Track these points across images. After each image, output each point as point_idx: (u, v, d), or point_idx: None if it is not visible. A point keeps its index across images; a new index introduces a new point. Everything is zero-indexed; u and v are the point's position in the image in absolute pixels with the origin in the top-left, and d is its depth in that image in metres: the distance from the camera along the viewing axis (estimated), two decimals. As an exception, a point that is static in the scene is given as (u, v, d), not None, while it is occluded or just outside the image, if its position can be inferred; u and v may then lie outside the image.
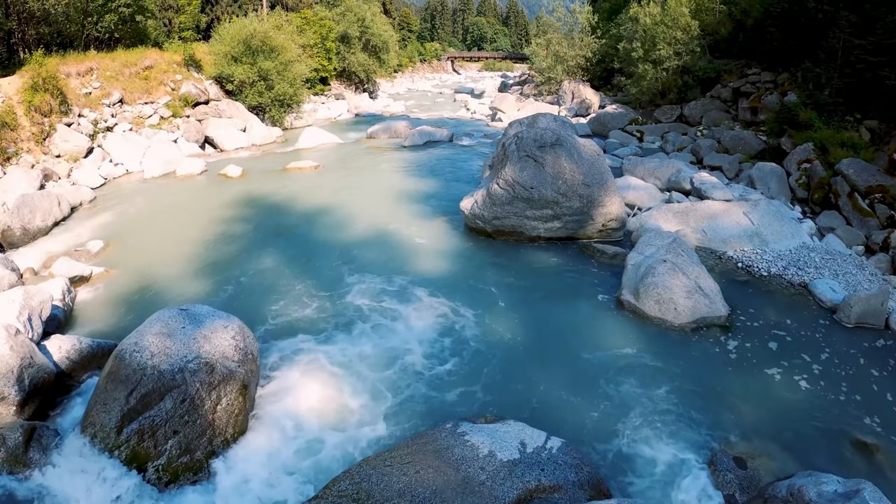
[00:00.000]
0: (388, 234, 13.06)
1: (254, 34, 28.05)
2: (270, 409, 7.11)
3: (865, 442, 6.78)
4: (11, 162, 16.48)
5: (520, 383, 7.78)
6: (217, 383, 6.46)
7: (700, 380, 7.84)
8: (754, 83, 22.88)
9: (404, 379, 7.82)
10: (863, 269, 10.90)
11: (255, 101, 27.83)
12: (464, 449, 5.81)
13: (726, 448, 6.57)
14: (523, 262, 11.58)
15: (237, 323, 7.32)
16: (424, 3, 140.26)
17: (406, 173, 19.06)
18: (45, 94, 18.69)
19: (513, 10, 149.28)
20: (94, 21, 26.07)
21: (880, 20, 15.45)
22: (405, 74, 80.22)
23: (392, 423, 6.99)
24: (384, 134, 26.61)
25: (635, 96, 29.67)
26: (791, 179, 14.97)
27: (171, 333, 6.69)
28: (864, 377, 8.01)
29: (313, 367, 7.97)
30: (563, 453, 5.90)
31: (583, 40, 39.67)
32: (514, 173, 12.09)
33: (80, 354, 7.76)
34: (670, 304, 9.20)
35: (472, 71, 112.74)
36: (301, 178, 18.55)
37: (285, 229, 13.61)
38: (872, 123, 15.40)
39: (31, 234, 13.05)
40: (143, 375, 6.23)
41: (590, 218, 12.27)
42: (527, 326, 9.16)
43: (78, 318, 9.47)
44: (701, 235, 12.22)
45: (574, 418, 7.09)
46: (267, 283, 10.61)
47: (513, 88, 51.10)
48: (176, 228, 13.69)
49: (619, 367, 8.08)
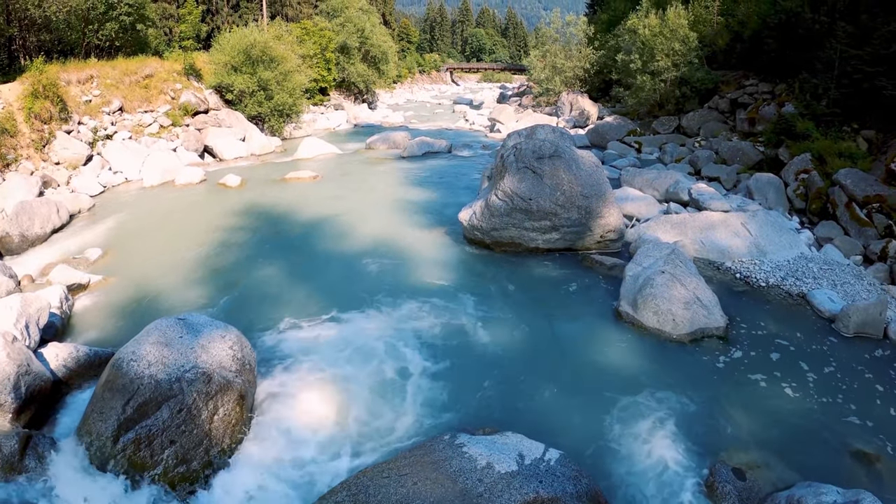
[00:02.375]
0: (386, 245, 13.05)
1: (254, 44, 28.16)
2: (268, 419, 7.07)
3: (865, 452, 6.75)
4: (11, 168, 16.49)
5: (518, 395, 7.75)
6: (214, 393, 6.43)
7: (698, 391, 7.82)
8: (752, 94, 23.02)
9: (402, 390, 7.79)
10: (861, 279, 10.92)
11: (254, 111, 27.92)
12: (462, 461, 5.78)
13: (725, 459, 6.54)
14: (521, 274, 11.58)
15: (235, 333, 7.30)
16: (424, 14, 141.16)
17: (405, 184, 19.09)
18: (46, 101, 18.74)
19: (511, 21, 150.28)
20: (94, 29, 26.20)
21: (877, 30, 15.56)
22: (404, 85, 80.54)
23: (389, 434, 6.95)
24: (383, 144, 26.66)
25: (633, 107, 29.83)
26: (789, 190, 15.02)
27: (168, 343, 6.67)
28: (863, 387, 7.99)
29: (311, 377, 7.93)
30: (562, 465, 5.87)
31: (581, 52, 39.89)
32: (512, 184, 12.12)
33: (77, 362, 7.73)
34: (669, 316, 9.20)
35: (471, 82, 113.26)
36: (300, 188, 18.57)
37: (284, 239, 13.60)
38: (870, 133, 15.47)
39: (30, 241, 13.04)
40: (140, 384, 6.20)
41: (588, 229, 12.29)
42: (525, 338, 9.15)
43: (75, 325, 9.44)
44: (699, 246, 12.24)
45: (572, 430, 7.06)
46: (265, 294, 10.59)
47: (511, 99, 51.37)
48: (174, 237, 13.68)
49: (618, 379, 8.06)
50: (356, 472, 5.99)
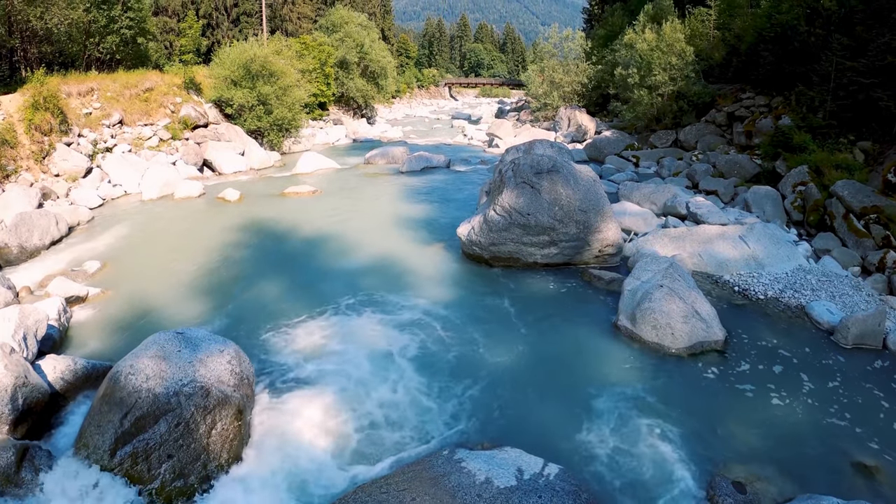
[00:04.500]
0: (385, 260, 13.04)
1: (253, 59, 28.36)
2: (266, 434, 7.03)
3: (865, 463, 6.73)
4: (10, 180, 16.55)
5: (517, 410, 7.72)
6: (212, 408, 6.41)
7: (698, 404, 7.80)
8: (748, 107, 23.16)
9: (400, 405, 7.75)
10: (859, 290, 10.93)
11: (253, 125, 28.04)
12: (460, 476, 5.75)
13: (725, 473, 6.50)
14: (520, 289, 11.57)
15: (233, 347, 7.29)
16: (422, 30, 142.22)
17: (403, 199, 19.12)
18: (46, 113, 18.85)
19: (510, 36, 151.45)
20: (95, 42, 26.41)
21: (872, 42, 15.71)
22: (403, 100, 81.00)
23: (388, 450, 6.91)
24: (382, 159, 26.71)
25: (631, 122, 29.99)
26: (786, 202, 15.08)
27: (166, 356, 6.66)
28: (863, 398, 7.98)
29: (309, 392, 7.89)
30: (561, 480, 5.84)
31: (578, 66, 40.17)
32: (510, 200, 12.15)
33: (74, 375, 7.69)
34: (667, 329, 9.19)
35: (469, 97, 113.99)
36: (299, 202, 18.61)
37: (283, 254, 13.60)
38: (866, 145, 15.57)
39: (29, 253, 13.05)
40: (137, 398, 6.18)
41: (586, 244, 12.30)
42: (523, 352, 9.13)
43: (73, 338, 9.41)
44: (697, 260, 12.26)
45: (571, 444, 7.03)
46: (263, 308, 10.57)
47: (510, 114, 51.65)
48: (173, 251, 13.68)
49: (617, 393, 8.04)
50: (354, 488, 5.97)
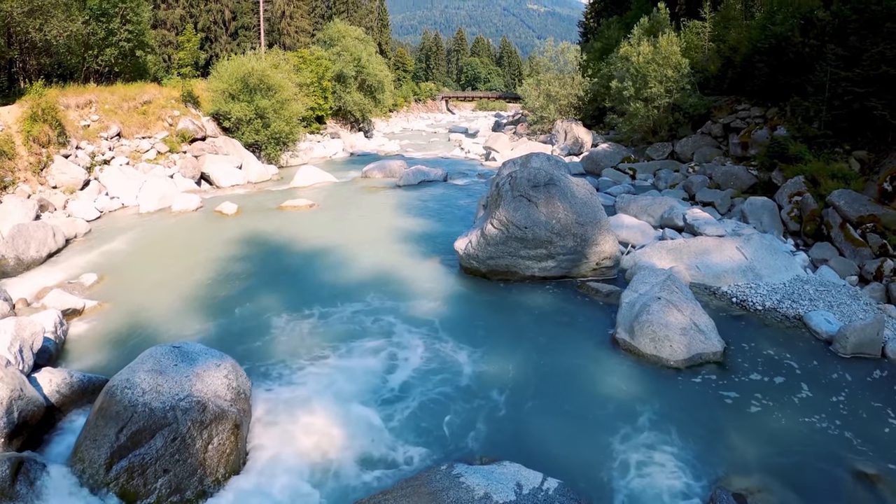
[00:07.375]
0: (382, 274, 13.01)
1: (251, 72, 28.46)
2: (263, 449, 6.98)
3: (865, 473, 6.70)
4: (8, 191, 16.54)
5: (515, 424, 7.68)
6: (209, 422, 6.36)
7: (697, 416, 7.77)
8: (744, 118, 23.31)
9: (398, 420, 7.70)
10: (857, 300, 10.95)
11: (251, 139, 28.09)
12: (459, 491, 5.70)
13: (726, 485, 6.47)
14: (518, 302, 11.55)
15: (230, 362, 7.25)
16: (419, 44, 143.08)
17: (401, 213, 19.13)
18: (44, 125, 18.87)
19: (506, 50, 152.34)
20: (94, 54, 26.49)
21: (866, 52, 15.83)
22: (400, 114, 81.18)
23: (386, 465, 6.86)
24: (379, 173, 26.74)
25: (627, 134, 30.14)
26: (783, 213, 15.12)
27: (163, 371, 6.62)
28: (863, 407, 7.97)
29: (306, 407, 7.84)
30: (561, 494, 5.80)
31: (574, 79, 40.39)
32: (508, 213, 12.16)
33: (70, 388, 7.64)
34: (665, 342, 9.17)
35: (466, 110, 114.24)
36: (296, 216, 18.61)
37: (280, 268, 13.57)
38: (861, 154, 15.65)
39: (25, 265, 13.02)
40: (133, 412, 6.14)
41: (584, 257, 12.30)
42: (522, 366, 9.08)
43: (70, 351, 9.37)
44: (695, 271, 12.27)
45: (571, 459, 6.98)
46: (260, 322, 10.52)
47: (506, 128, 51.77)
48: (170, 264, 13.65)
49: (616, 407, 8.00)
50: (352, 503, 5.91)
